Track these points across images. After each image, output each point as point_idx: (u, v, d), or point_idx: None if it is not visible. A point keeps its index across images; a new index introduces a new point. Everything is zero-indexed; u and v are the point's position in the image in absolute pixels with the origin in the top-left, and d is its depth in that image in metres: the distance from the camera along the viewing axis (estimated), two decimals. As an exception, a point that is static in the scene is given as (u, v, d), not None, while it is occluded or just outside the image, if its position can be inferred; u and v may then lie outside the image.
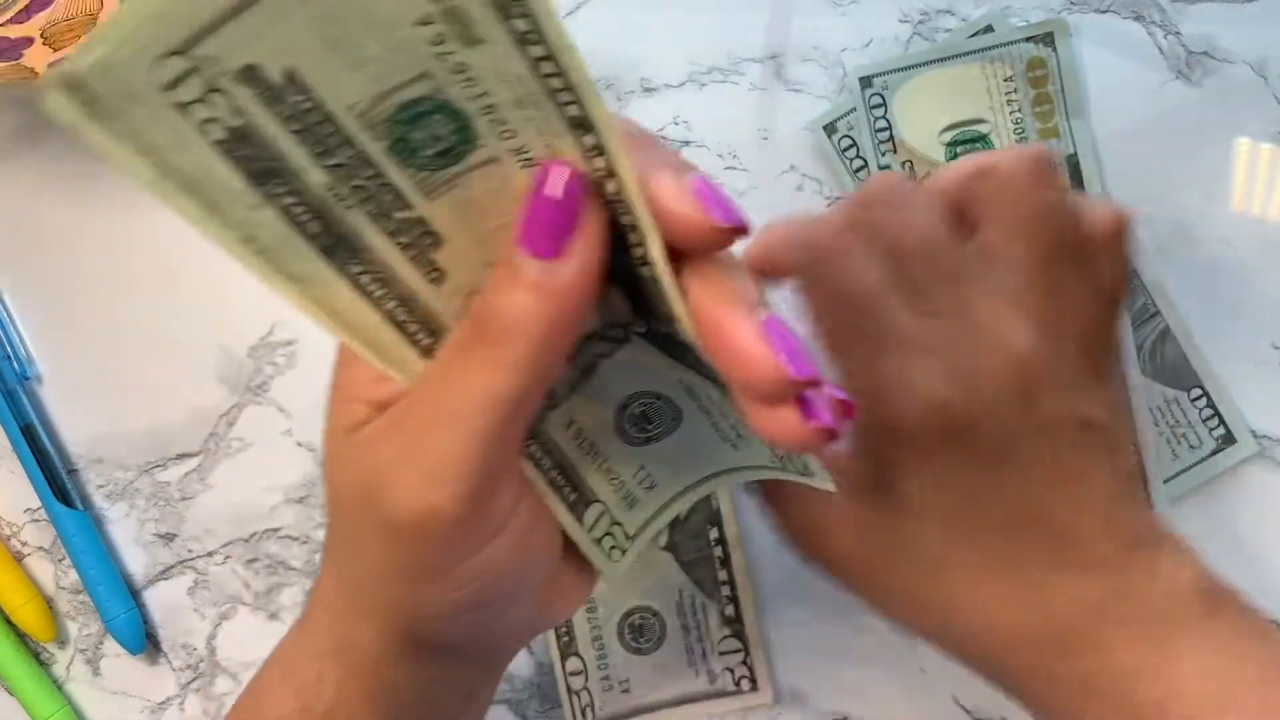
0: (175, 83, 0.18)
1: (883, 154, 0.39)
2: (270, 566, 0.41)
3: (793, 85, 0.41)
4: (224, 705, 0.41)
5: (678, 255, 0.22)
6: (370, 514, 0.23)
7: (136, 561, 0.41)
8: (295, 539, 0.41)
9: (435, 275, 0.23)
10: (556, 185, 0.21)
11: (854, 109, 0.39)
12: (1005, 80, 0.39)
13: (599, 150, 0.21)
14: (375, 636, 0.26)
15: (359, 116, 0.20)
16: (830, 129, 0.40)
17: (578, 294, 0.22)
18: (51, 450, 0.41)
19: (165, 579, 0.41)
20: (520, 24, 0.20)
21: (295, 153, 0.20)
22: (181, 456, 0.41)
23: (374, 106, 0.20)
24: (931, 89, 0.39)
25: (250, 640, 0.41)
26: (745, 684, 0.40)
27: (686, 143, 0.41)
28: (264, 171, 0.20)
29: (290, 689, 0.27)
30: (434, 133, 0.21)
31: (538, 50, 0.20)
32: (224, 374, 0.41)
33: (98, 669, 0.42)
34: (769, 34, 0.41)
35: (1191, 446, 0.38)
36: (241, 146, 0.20)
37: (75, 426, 0.42)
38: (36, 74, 0.34)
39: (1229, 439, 0.38)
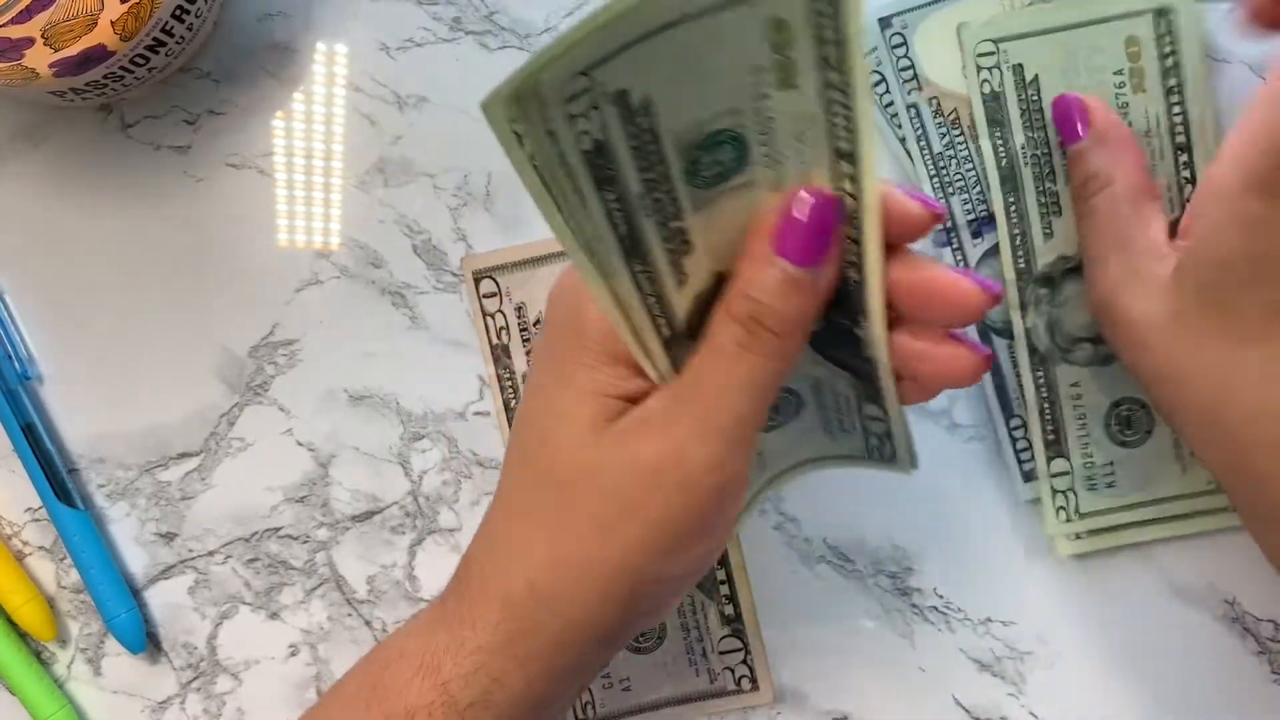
0: (574, 97, 0.22)
1: (908, 93, 0.39)
2: (270, 566, 0.41)
3: (793, 85, 0.41)
4: (224, 704, 0.41)
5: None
6: (667, 481, 0.27)
7: (137, 561, 0.41)
8: (295, 538, 0.41)
9: (681, 278, 0.27)
10: (819, 205, 0.26)
11: (875, 48, 0.39)
12: (1024, 8, 0.39)
13: (852, 177, 0.25)
14: (524, 681, 0.29)
15: (675, 140, 0.24)
16: None
17: (829, 292, 0.27)
18: (52, 450, 0.41)
19: (166, 578, 0.41)
20: (834, 76, 0.23)
21: (628, 165, 0.24)
22: (182, 456, 0.41)
23: (688, 133, 0.24)
24: (951, 24, 0.39)
25: (250, 639, 0.41)
26: (745, 683, 0.40)
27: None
28: (606, 179, 0.23)
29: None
30: (719, 158, 0.25)
31: (838, 95, 0.24)
32: (225, 373, 0.41)
33: (99, 668, 0.42)
34: (769, 34, 0.41)
35: None
36: (599, 156, 0.23)
37: (76, 426, 0.42)
38: (37, 74, 0.34)
39: None
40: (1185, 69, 0.37)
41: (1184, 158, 0.37)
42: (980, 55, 0.37)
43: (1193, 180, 0.37)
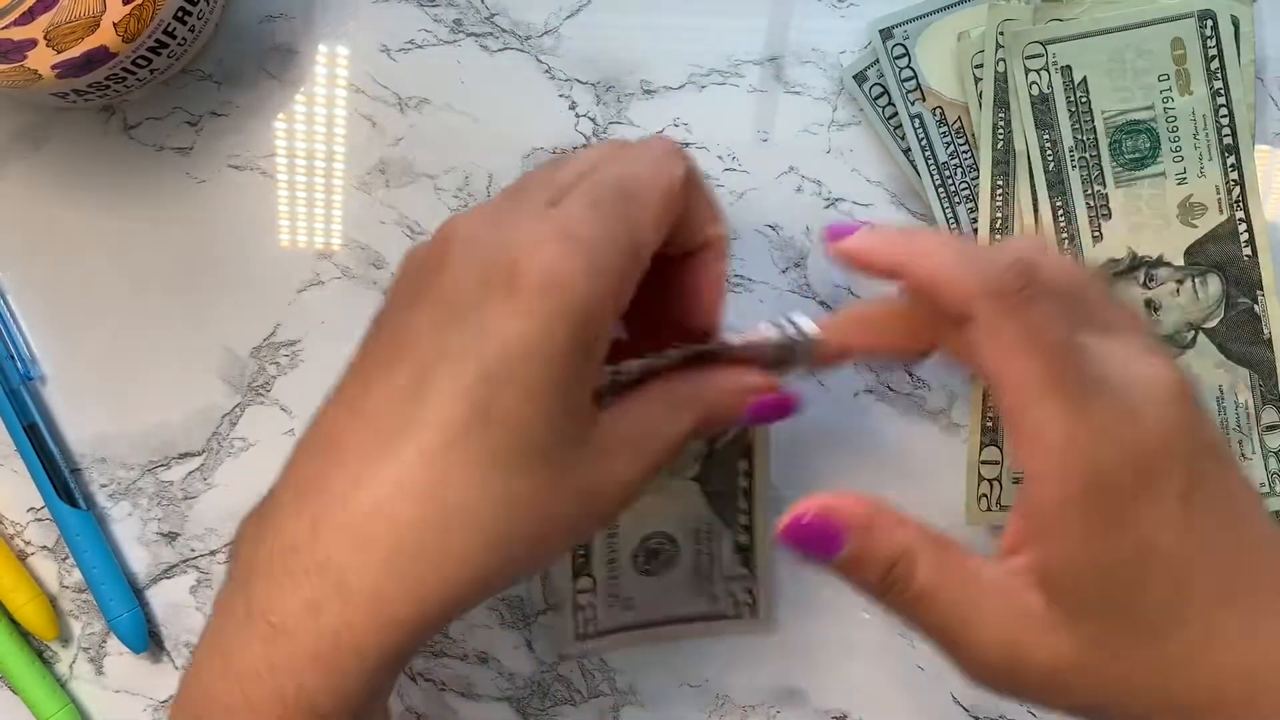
0: (1033, 57, 0.35)
1: (911, 103, 0.39)
2: (272, 565, 0.41)
3: (792, 87, 0.41)
4: (226, 703, 0.41)
5: None
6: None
7: (139, 560, 0.42)
8: (297, 538, 0.41)
9: (1098, 237, 0.37)
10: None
11: (877, 60, 0.40)
12: (1044, 6, 0.39)
13: (1237, 170, 0.37)
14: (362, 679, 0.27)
15: (1103, 117, 0.36)
16: (860, 78, 0.40)
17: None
18: (55, 449, 0.41)
19: (168, 578, 0.42)
20: (1217, 83, 0.36)
21: (1063, 119, 0.37)
22: (184, 456, 0.42)
23: (1114, 116, 0.36)
24: (951, 34, 0.39)
25: (253, 639, 0.41)
26: (745, 610, 0.40)
27: (686, 144, 0.41)
28: (1044, 123, 0.37)
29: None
30: (1137, 144, 0.36)
31: (1221, 100, 0.36)
32: (227, 374, 0.41)
33: (101, 668, 0.42)
34: (768, 36, 0.41)
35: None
36: (1041, 106, 0.37)
37: (78, 426, 0.42)
38: (39, 76, 0.35)
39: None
40: (1229, 70, 0.37)
41: (1231, 159, 0.37)
42: (1028, 58, 0.38)
43: (1241, 183, 0.38)
